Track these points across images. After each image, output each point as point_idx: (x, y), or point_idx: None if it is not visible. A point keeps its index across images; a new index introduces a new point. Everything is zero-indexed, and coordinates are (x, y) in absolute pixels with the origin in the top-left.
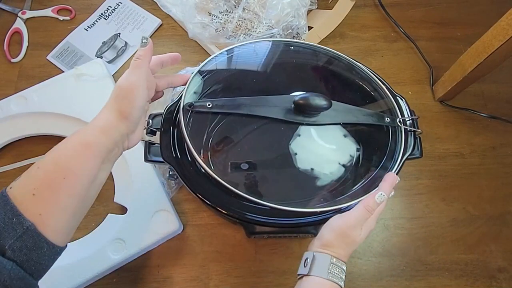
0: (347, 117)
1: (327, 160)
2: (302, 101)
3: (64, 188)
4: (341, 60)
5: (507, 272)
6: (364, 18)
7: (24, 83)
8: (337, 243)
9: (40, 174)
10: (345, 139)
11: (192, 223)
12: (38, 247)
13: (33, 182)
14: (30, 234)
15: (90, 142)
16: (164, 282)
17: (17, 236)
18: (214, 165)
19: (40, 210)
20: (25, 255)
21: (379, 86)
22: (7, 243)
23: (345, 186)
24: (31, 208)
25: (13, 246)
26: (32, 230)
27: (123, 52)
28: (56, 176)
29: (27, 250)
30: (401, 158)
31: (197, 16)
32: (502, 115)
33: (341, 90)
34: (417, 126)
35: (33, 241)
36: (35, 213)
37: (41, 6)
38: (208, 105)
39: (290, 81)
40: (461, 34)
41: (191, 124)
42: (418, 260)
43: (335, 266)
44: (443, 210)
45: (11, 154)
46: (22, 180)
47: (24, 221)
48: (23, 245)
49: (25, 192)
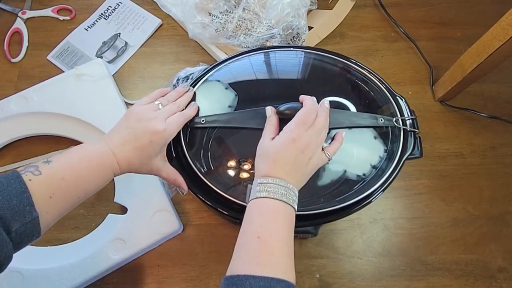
0: (343, 122)
1: (360, 162)
2: (286, 111)
3: (74, 203)
4: (340, 61)
5: (507, 272)
6: (364, 18)
7: (24, 83)
8: (262, 164)
9: (63, 186)
10: (375, 141)
11: (192, 223)
12: (31, 234)
13: (54, 189)
14: (32, 223)
15: (116, 170)
16: (164, 282)
17: (25, 222)
18: (214, 175)
19: (48, 209)
20: (20, 239)
21: (378, 87)
22: (15, 226)
23: (344, 186)
24: (43, 205)
25: (18, 230)
26: (35, 221)
27: (123, 52)
28: (74, 195)
29: (25, 235)
30: (399, 158)
31: (197, 16)
32: (502, 115)
33: (341, 92)
34: (416, 126)
35: (31, 229)
36: (43, 210)
37: (41, 6)
38: (202, 121)
39: (290, 88)
40: (461, 34)
41: (188, 138)
42: (418, 260)
43: (262, 185)
44: (443, 210)
45: (11, 154)
46: (46, 180)
47: (33, 212)
48: (23, 230)
49: (45, 193)
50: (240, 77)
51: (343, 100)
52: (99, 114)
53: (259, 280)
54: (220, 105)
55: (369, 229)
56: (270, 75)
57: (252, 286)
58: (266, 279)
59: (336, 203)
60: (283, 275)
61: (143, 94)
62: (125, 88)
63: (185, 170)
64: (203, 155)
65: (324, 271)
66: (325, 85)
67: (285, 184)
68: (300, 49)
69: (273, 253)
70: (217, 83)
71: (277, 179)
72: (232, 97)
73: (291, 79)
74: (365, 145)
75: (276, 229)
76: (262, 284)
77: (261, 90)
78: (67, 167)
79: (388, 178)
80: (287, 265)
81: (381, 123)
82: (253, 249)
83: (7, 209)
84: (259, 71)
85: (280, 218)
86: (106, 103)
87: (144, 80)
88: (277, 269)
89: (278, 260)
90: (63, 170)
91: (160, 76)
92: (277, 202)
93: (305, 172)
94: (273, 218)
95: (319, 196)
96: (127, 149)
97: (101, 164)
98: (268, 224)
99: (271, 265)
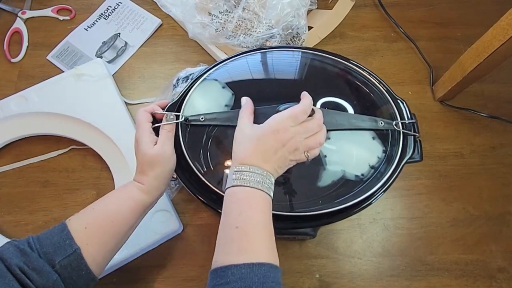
0: (342, 124)
1: (359, 162)
2: None
3: (109, 230)
4: (341, 63)
5: (507, 272)
6: (364, 18)
7: (24, 83)
8: (240, 151)
9: (94, 214)
10: (374, 141)
11: (192, 223)
12: (79, 268)
13: (87, 219)
14: (75, 256)
15: (136, 200)
16: (164, 282)
17: (66, 255)
18: (211, 174)
19: (87, 241)
20: (68, 273)
21: (378, 89)
22: (57, 259)
23: (342, 189)
24: (81, 237)
25: (62, 262)
26: (78, 253)
27: (123, 52)
28: (106, 220)
29: (71, 268)
30: (398, 162)
31: (197, 16)
32: (502, 115)
33: (340, 93)
34: (417, 130)
35: (76, 263)
36: (83, 242)
37: (41, 6)
38: (201, 119)
39: (289, 88)
40: (461, 34)
41: (187, 137)
42: (418, 260)
43: (238, 173)
44: (443, 210)
45: (11, 154)
46: (79, 215)
47: (73, 244)
48: (68, 263)
49: (80, 225)
50: (238, 77)
51: (342, 102)
52: (99, 114)
53: (240, 267)
54: (217, 104)
55: (369, 229)
56: (269, 75)
57: (234, 275)
58: (248, 265)
59: (334, 205)
60: (264, 259)
61: (143, 94)
62: (125, 88)
63: (184, 170)
64: (203, 155)
65: (324, 271)
66: (325, 86)
67: (261, 172)
68: (300, 49)
69: (252, 240)
70: (214, 82)
71: (253, 166)
72: (229, 96)
73: (290, 80)
74: (364, 145)
75: (253, 216)
76: (244, 271)
77: (260, 90)
78: (97, 200)
79: (387, 181)
80: (268, 248)
81: (381, 126)
82: (232, 239)
83: (49, 245)
84: (257, 71)
85: (257, 205)
86: (106, 103)
87: (144, 80)
88: (258, 255)
89: (258, 246)
90: (94, 203)
91: (160, 76)
92: (252, 190)
93: (281, 165)
94: (249, 205)
95: (318, 197)
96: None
97: (125, 191)
98: (245, 212)
99: (252, 251)
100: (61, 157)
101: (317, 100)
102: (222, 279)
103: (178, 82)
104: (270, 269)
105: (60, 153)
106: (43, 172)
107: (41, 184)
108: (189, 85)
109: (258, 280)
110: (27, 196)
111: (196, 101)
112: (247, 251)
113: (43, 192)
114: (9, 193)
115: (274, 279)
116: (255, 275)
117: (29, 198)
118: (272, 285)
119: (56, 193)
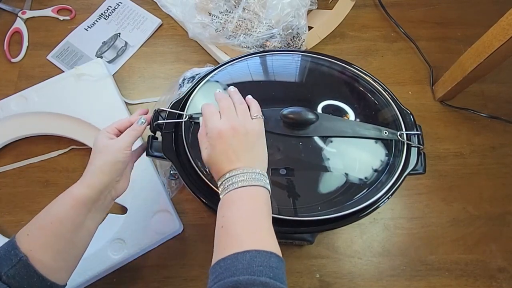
0: (346, 131)
1: (362, 165)
2: (289, 115)
3: (50, 232)
4: (346, 68)
5: (507, 272)
6: (364, 18)
7: (24, 83)
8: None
9: (35, 220)
10: (376, 145)
11: (192, 223)
12: (28, 276)
13: (30, 226)
14: (22, 264)
15: (75, 194)
16: (164, 282)
17: (12, 265)
18: None
19: (30, 246)
20: (17, 282)
21: (385, 98)
22: (3, 270)
23: (342, 196)
24: (25, 244)
25: (8, 273)
26: (24, 261)
27: (123, 52)
28: (45, 222)
29: (20, 277)
30: (400, 173)
31: (197, 16)
32: (502, 115)
33: (345, 99)
34: (422, 142)
35: (25, 271)
36: (27, 249)
37: (41, 6)
38: None
39: (292, 92)
40: (461, 34)
41: (191, 136)
42: (418, 260)
43: (222, 184)
44: (443, 210)
45: (11, 154)
46: (26, 225)
47: (19, 253)
48: (16, 273)
49: (23, 233)
50: (241, 79)
51: (345, 107)
52: (99, 114)
53: (226, 259)
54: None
55: (369, 229)
56: (272, 78)
57: (221, 267)
58: (232, 256)
59: (333, 212)
60: (249, 247)
61: (142, 94)
62: (125, 88)
63: (186, 168)
64: None
65: (324, 271)
66: (329, 91)
67: (241, 171)
68: (305, 53)
69: (236, 235)
70: (216, 84)
71: (227, 173)
72: None
73: (294, 83)
74: (366, 148)
75: (235, 213)
76: (229, 261)
77: (263, 92)
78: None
79: (388, 192)
80: (255, 238)
81: (384, 136)
82: (220, 238)
83: None
84: (259, 74)
85: (242, 201)
86: (106, 103)
87: (144, 80)
88: (242, 244)
89: (242, 238)
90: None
91: (160, 76)
92: (234, 191)
93: (259, 150)
94: (230, 205)
95: (318, 203)
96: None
97: (66, 191)
98: (227, 211)
99: (237, 244)
100: (61, 157)
101: (319, 104)
102: (213, 275)
103: (184, 82)
104: (257, 255)
105: (60, 153)
106: (44, 172)
107: (42, 184)
108: (193, 85)
109: (243, 266)
110: (28, 196)
111: (199, 102)
112: (234, 245)
113: (43, 192)
114: (9, 193)
115: (262, 263)
116: (239, 262)
117: (30, 198)
118: (259, 268)
119: (57, 193)
